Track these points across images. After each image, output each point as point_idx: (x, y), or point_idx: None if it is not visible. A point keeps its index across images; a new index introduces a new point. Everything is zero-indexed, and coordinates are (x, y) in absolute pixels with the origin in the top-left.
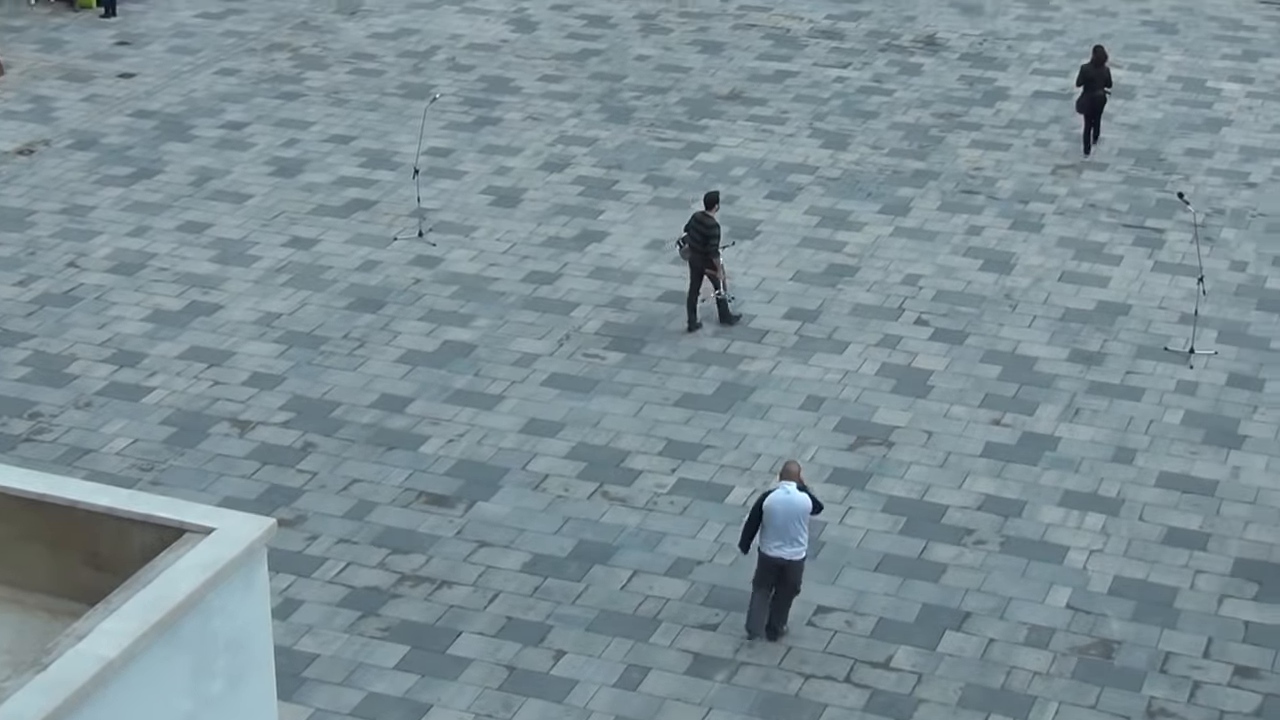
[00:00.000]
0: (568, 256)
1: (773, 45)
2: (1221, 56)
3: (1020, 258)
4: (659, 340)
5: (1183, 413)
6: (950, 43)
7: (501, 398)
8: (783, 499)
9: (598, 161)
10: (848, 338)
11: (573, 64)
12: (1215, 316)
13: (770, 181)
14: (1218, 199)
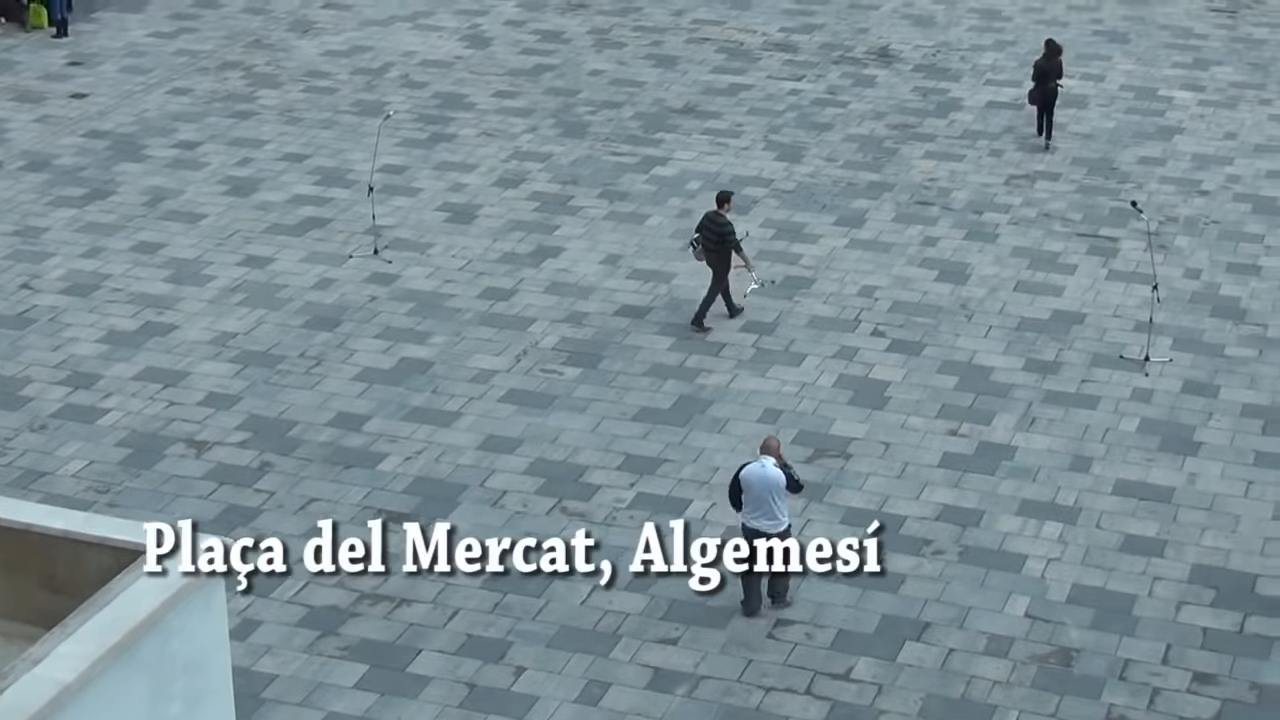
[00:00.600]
0: (524, 272)
1: (726, 59)
2: (1173, 65)
3: (975, 268)
4: (616, 355)
5: (1139, 420)
6: (903, 54)
7: (459, 414)
8: (757, 472)
9: (553, 177)
10: (805, 350)
11: (527, 79)
12: (1170, 324)
13: None
14: (1171, 207)
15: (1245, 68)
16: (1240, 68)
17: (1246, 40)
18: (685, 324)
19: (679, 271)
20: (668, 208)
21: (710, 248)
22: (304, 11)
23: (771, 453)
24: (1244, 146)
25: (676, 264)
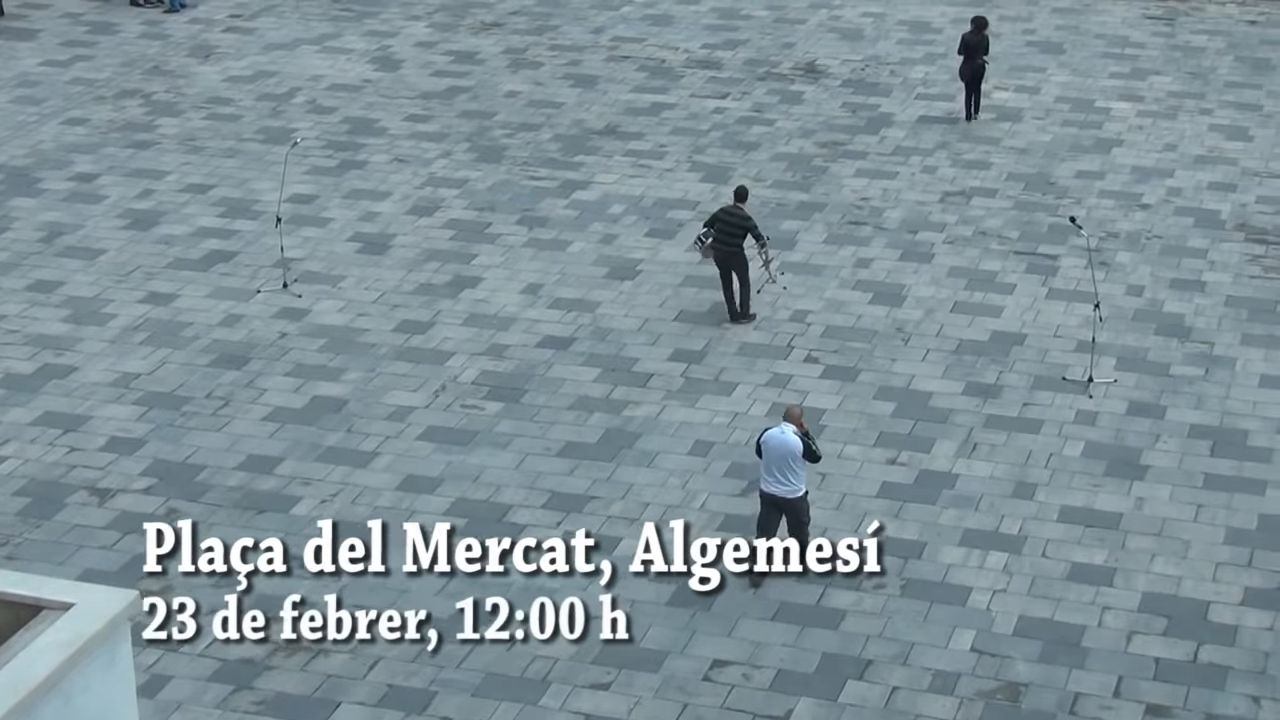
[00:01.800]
0: (441, 304)
1: (648, 77)
2: (1110, 75)
3: (911, 289)
4: (539, 388)
5: (1083, 444)
6: (831, 69)
7: (375, 454)
8: (776, 437)
9: (469, 203)
10: (735, 378)
11: (440, 102)
12: (1113, 343)
13: (650, 219)
14: (1111, 222)
15: (1184, 77)
16: (1179, 77)
17: (1185, 48)
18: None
19: (602, 300)
20: (590, 233)
21: (726, 245)
22: (205, 36)
23: (793, 420)
24: (1184, 158)
25: (600, 292)
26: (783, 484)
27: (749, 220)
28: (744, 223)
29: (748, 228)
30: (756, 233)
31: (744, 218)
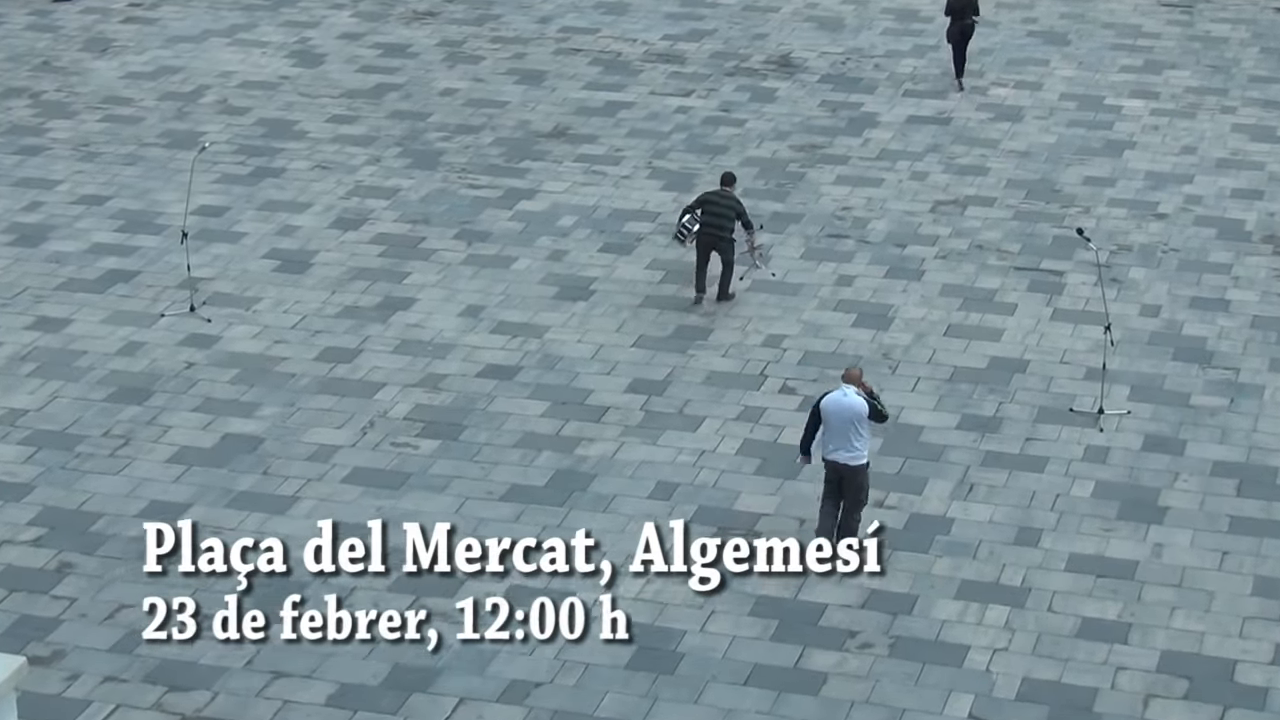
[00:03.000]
0: (369, 329)
1: (602, 72)
2: (1120, 69)
3: (899, 310)
4: (480, 424)
5: (1093, 484)
6: (808, 63)
7: (296, 499)
8: (837, 400)
9: (401, 215)
10: (702, 412)
11: (367, 102)
12: (1127, 370)
13: (605, 232)
14: (1123, 234)
15: (1204, 70)
16: (1198, 71)
17: (1204, 39)
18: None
19: (552, 324)
20: (537, 249)
21: (716, 231)
22: (101, 27)
23: (854, 381)
24: (1205, 162)
25: (549, 315)
26: (848, 450)
27: (739, 204)
28: (735, 205)
29: (739, 211)
30: (746, 219)
31: (735, 200)
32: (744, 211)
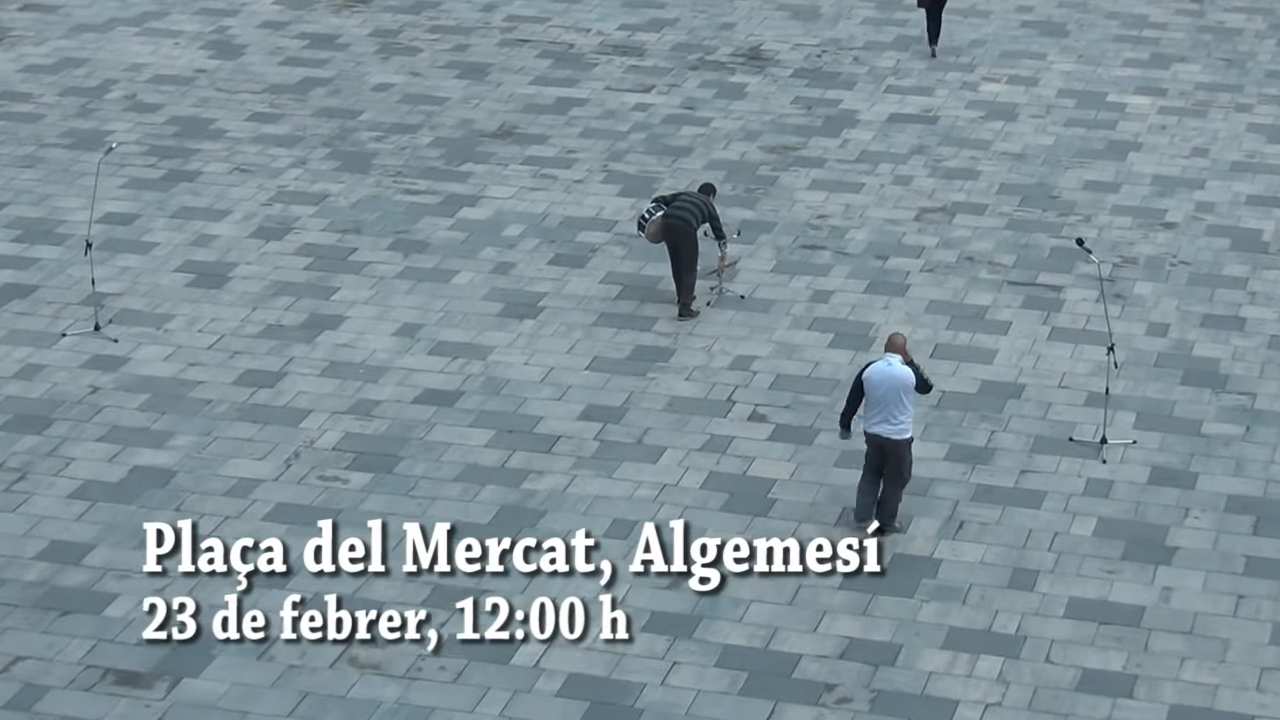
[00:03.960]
0: (293, 350)
1: (552, 66)
2: (1124, 63)
3: (881, 329)
4: (417, 455)
5: (1095, 521)
6: (780, 56)
7: (213, 539)
8: (882, 371)
9: (329, 224)
10: (663, 441)
11: (292, 98)
12: (1132, 395)
13: (555, 242)
14: (1128, 244)
15: (1216, 65)
16: (1210, 65)
17: (1217, 30)
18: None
19: (496, 344)
20: (480, 260)
21: (677, 220)
22: None
23: (897, 349)
24: (1218, 165)
25: (494, 334)
26: (891, 423)
27: (712, 209)
28: (706, 208)
29: (709, 215)
30: (718, 226)
31: (707, 204)
32: (716, 218)
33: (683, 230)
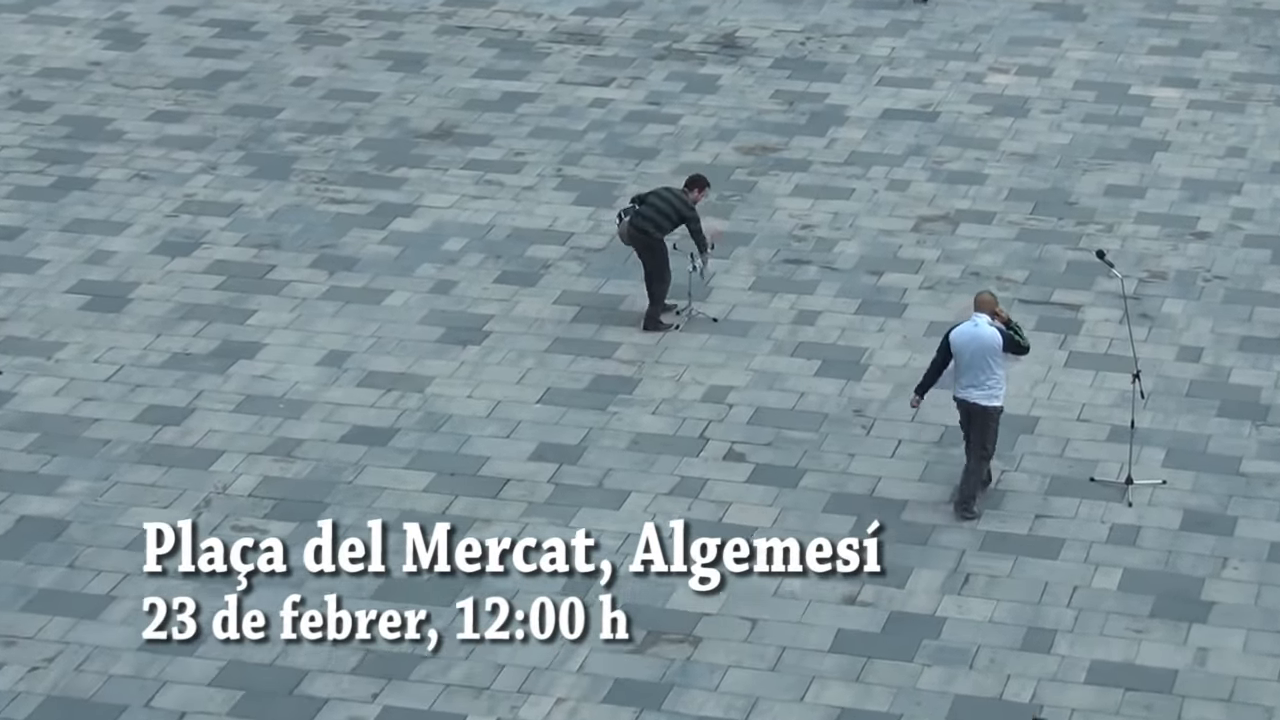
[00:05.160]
0: (203, 381)
1: (498, 56)
2: (1150, 50)
3: (875, 354)
4: (346, 502)
5: (1120, 572)
6: (758, 44)
7: (111, 599)
8: (968, 332)
9: (244, 238)
10: (626, 484)
11: (200, 94)
12: (1161, 429)
13: (502, 257)
14: (1155, 257)
15: (1255, 52)
16: (1247, 52)
17: (1255, 12)
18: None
19: (436, 374)
20: (417, 279)
21: (639, 237)
22: None
23: (985, 308)
24: (1257, 166)
25: (432, 362)
26: (980, 389)
27: (692, 211)
28: (683, 209)
29: (687, 218)
30: (698, 232)
31: (686, 205)
32: (694, 219)
33: (639, 238)
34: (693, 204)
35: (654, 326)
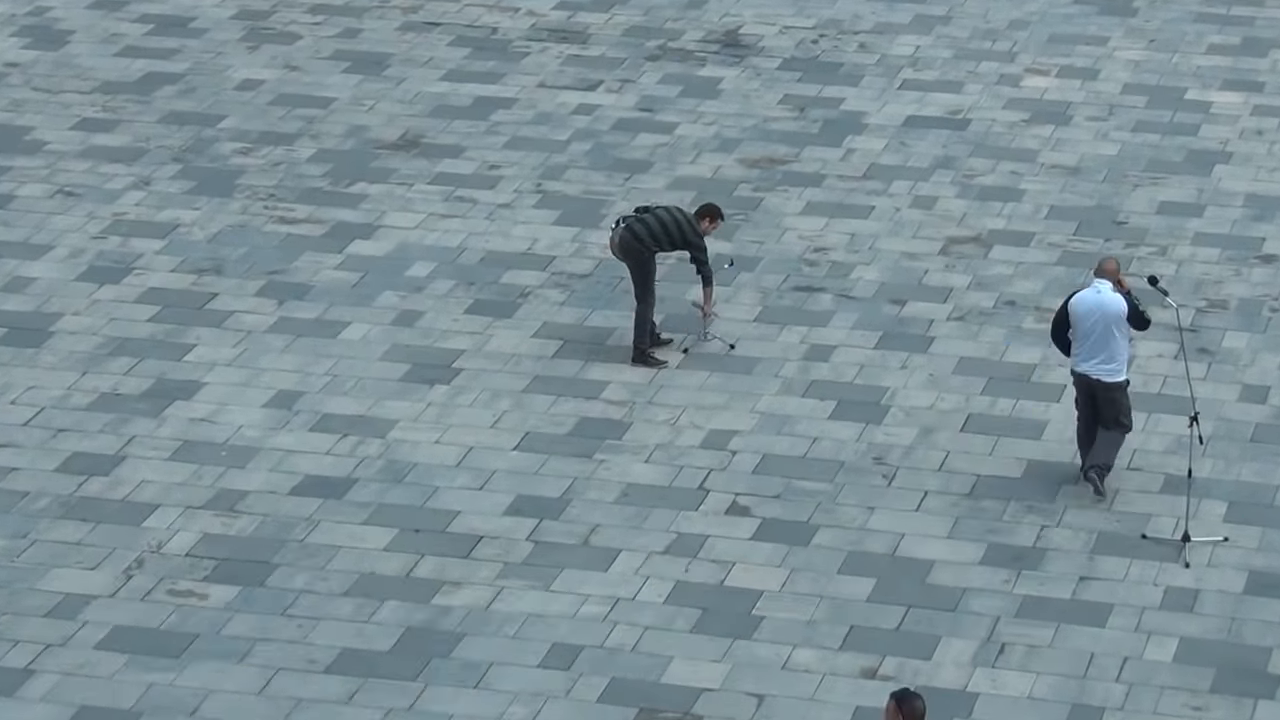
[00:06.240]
0: (135, 426)
1: (470, 56)
2: (1208, 49)
3: (897, 395)
4: (297, 562)
5: (1177, 642)
6: (765, 42)
7: (30, 673)
8: (1089, 300)
9: (181, 262)
10: (616, 542)
11: (132, 99)
12: (1222, 479)
13: (475, 284)
14: (1215, 284)
15: None
16: None
17: None
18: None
19: (400, 417)
20: (378, 309)
21: (629, 241)
22: None
23: (1109, 275)
24: None
25: (395, 403)
26: (1104, 362)
27: (700, 240)
28: (690, 235)
29: (692, 245)
30: (702, 262)
31: (695, 231)
32: (699, 248)
33: (631, 247)
34: (702, 234)
35: (642, 361)
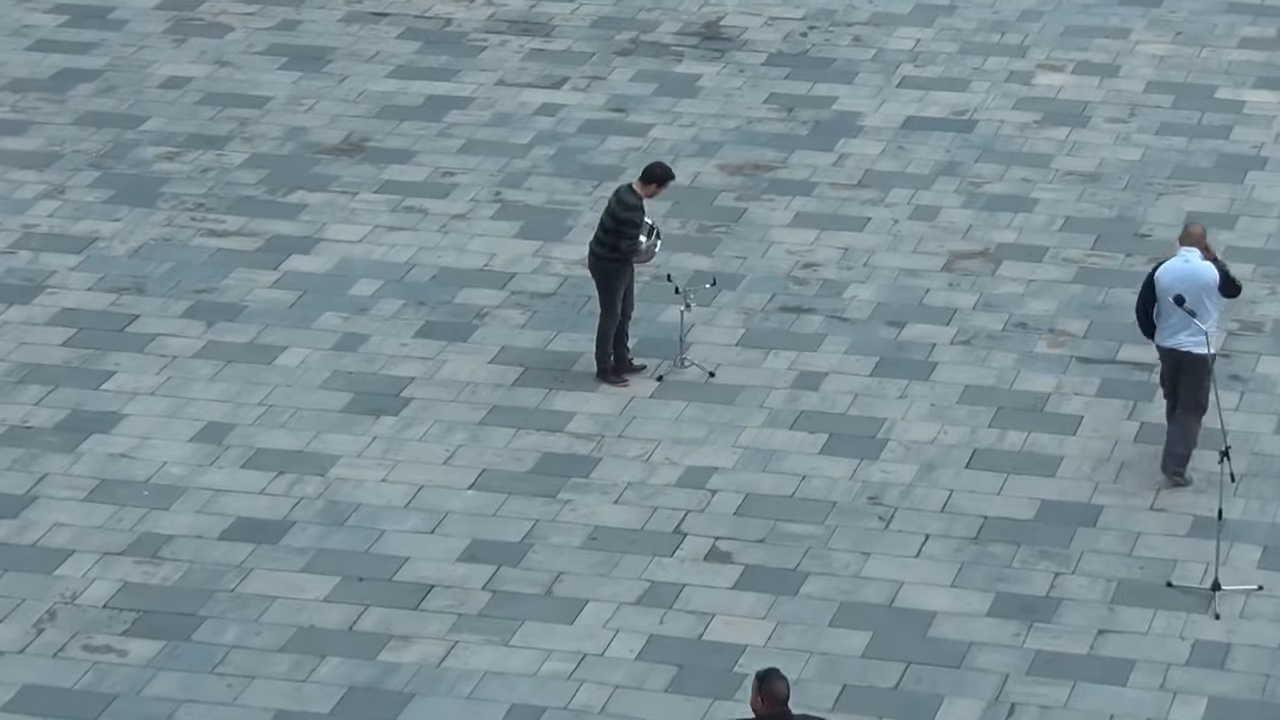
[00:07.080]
0: (47, 462)
1: (421, 51)
2: (1240, 43)
3: (895, 427)
4: (227, 615)
5: (1205, 702)
6: (749, 34)
7: None
8: (1177, 269)
9: (99, 280)
10: (582, 592)
11: (44, 98)
12: (1256, 521)
13: (426, 304)
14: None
15: None
16: None
17: None
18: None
19: (343, 452)
20: (317, 331)
21: (591, 249)
22: None
23: (1195, 241)
24: None
25: (337, 437)
26: (1192, 334)
27: (627, 212)
28: (617, 210)
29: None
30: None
31: (621, 204)
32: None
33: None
34: (636, 202)
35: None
